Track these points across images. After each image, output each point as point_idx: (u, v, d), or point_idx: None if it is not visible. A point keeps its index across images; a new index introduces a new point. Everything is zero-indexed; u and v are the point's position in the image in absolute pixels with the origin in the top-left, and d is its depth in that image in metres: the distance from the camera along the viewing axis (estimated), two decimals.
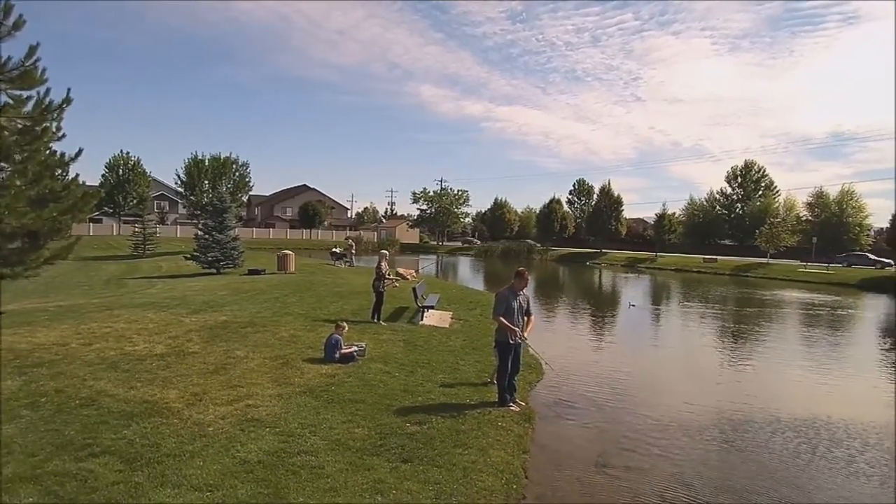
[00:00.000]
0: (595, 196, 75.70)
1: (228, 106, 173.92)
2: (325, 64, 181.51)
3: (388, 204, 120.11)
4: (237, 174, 56.27)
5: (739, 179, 73.16)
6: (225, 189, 48.64)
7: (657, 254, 60.11)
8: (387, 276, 13.55)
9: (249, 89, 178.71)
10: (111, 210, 58.65)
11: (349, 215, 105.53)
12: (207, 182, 55.09)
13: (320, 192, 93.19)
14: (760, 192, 71.78)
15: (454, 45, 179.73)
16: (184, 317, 12.37)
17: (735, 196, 73.30)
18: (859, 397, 10.34)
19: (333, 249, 37.54)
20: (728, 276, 44.60)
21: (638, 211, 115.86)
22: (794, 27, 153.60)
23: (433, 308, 14.93)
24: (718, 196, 74.40)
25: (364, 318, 13.16)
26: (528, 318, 7.84)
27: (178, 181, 56.46)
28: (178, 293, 17.20)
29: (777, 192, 71.01)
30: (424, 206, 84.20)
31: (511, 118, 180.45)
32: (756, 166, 73.04)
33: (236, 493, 4.58)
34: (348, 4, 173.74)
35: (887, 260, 46.69)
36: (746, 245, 63.09)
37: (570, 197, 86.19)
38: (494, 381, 8.11)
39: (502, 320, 7.43)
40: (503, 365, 7.58)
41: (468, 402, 7.63)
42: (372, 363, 9.24)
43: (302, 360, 9.08)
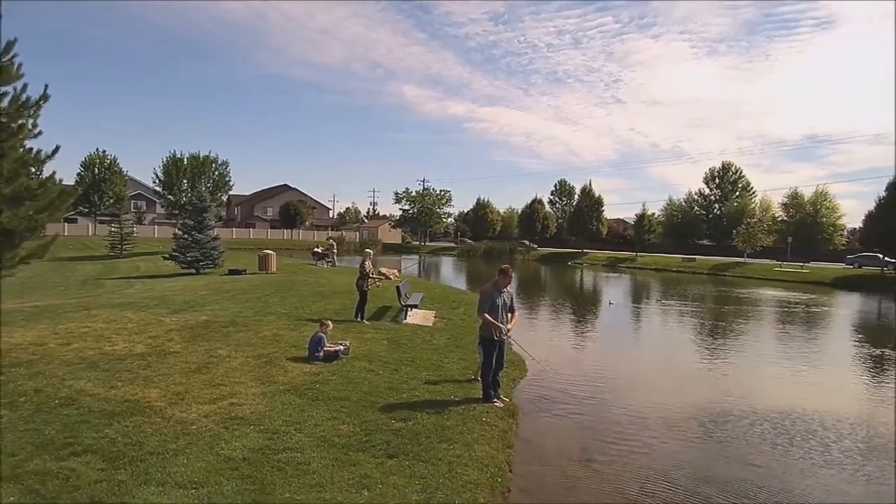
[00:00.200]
0: (576, 196, 76.44)
1: (208, 105, 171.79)
2: (306, 63, 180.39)
3: (371, 204, 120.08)
4: (216, 173, 55.56)
5: (717, 181, 74.41)
6: (204, 188, 47.97)
7: (637, 254, 60.85)
8: (370, 276, 13.55)
9: (229, 88, 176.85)
10: (87, 210, 57.41)
11: (331, 215, 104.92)
12: (186, 181, 54.35)
13: (301, 192, 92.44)
14: (737, 193, 73.06)
15: (437, 46, 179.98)
16: (164, 316, 12.22)
17: (713, 197, 74.52)
18: (833, 391, 10.62)
19: (315, 249, 37.32)
20: (706, 276, 45.33)
21: (618, 211, 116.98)
22: (770, 31, 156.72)
23: (417, 307, 14.95)
24: (697, 197, 75.59)
25: (348, 318, 13.13)
26: (512, 315, 7.92)
27: (156, 180, 55.63)
28: (158, 293, 16.96)
29: (753, 193, 72.46)
30: (407, 207, 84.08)
31: (494, 119, 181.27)
32: (733, 168, 74.40)
33: (222, 489, 4.57)
34: (331, 4, 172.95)
35: None
36: (724, 245, 64.19)
37: (552, 197, 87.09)
38: (479, 378, 8.18)
39: (487, 317, 7.50)
40: (488, 361, 7.64)
41: (453, 398, 7.67)
42: (356, 361, 9.23)
43: (285, 359, 9.04)
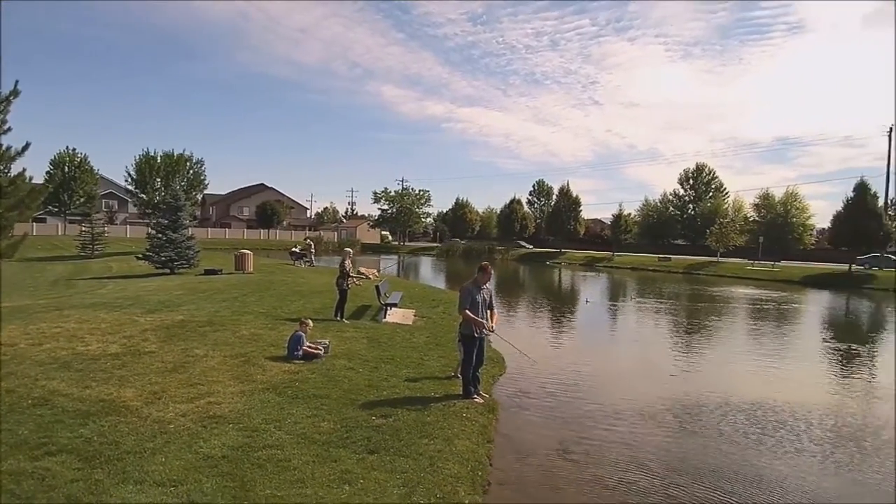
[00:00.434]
0: (554, 197, 77.02)
1: (183, 103, 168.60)
2: (284, 61, 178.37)
3: (349, 204, 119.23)
4: (191, 172, 54.58)
5: (691, 181, 75.76)
6: (178, 187, 47.13)
7: (614, 253, 61.63)
8: (350, 274, 13.52)
9: (206, 86, 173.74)
10: (56, 209, 56.08)
11: (309, 215, 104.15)
12: (160, 180, 53.29)
13: (278, 192, 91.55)
14: (711, 193, 74.46)
15: (416, 46, 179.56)
16: (138, 316, 12.02)
17: (687, 197, 75.83)
18: (802, 383, 10.94)
19: (293, 249, 37.04)
20: (681, 274, 46.16)
21: (595, 211, 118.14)
22: (743, 36, 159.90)
23: (396, 306, 14.95)
24: (671, 197, 76.81)
25: (327, 317, 13.07)
26: (492, 313, 7.99)
27: (129, 179, 54.45)
28: (132, 293, 16.66)
29: (726, 193, 73.86)
30: (386, 206, 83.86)
31: (472, 119, 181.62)
32: (707, 169, 75.82)
33: (202, 487, 4.53)
34: (309, 4, 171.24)
35: None
36: (698, 244, 65.35)
37: (531, 197, 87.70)
38: (459, 375, 8.24)
39: (469, 314, 7.56)
40: (468, 358, 7.70)
41: (433, 395, 7.72)
42: (336, 360, 9.21)
43: (264, 358, 8.98)
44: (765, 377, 11.29)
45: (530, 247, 71.98)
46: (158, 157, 53.55)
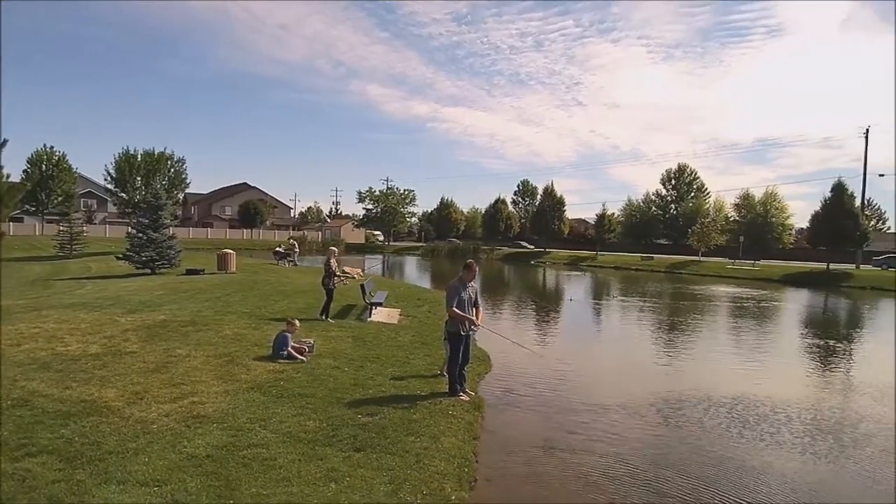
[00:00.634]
0: (539, 197, 77.48)
1: (165, 102, 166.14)
2: (268, 60, 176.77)
3: (333, 203, 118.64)
4: (172, 170, 53.98)
5: (673, 182, 76.76)
6: (159, 185, 46.56)
7: (598, 252, 62.14)
8: (336, 273, 13.46)
9: (186, 85, 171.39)
10: (33, 208, 55.00)
11: (292, 215, 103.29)
12: (140, 178, 52.62)
13: (261, 191, 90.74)
14: (692, 193, 75.53)
15: (400, 45, 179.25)
16: (119, 316, 11.84)
17: (669, 198, 76.83)
18: (782, 378, 11.14)
19: (277, 249, 36.77)
20: (664, 273, 46.68)
21: (579, 211, 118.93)
22: (724, 38, 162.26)
23: (381, 305, 14.91)
24: (654, 197, 77.77)
25: (311, 316, 12.99)
26: (477, 310, 8.02)
27: (108, 177, 53.63)
28: (112, 293, 16.40)
29: (708, 193, 75.04)
30: (370, 206, 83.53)
31: (457, 119, 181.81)
32: (688, 169, 76.92)
33: (186, 486, 4.49)
34: (292, 2, 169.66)
35: None
36: (680, 244, 66.28)
37: (515, 197, 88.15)
38: (445, 373, 8.25)
39: (458, 311, 7.58)
40: (454, 356, 7.72)
41: (419, 393, 7.72)
42: (321, 359, 9.17)
43: (248, 358, 8.90)
44: (745, 372, 11.47)
45: (531, 247, 70.92)
46: (139, 156, 52.87)
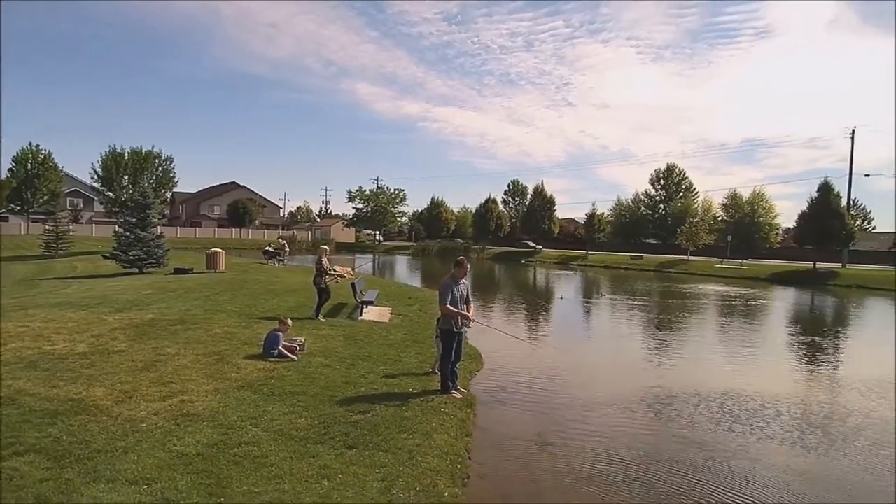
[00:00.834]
0: (529, 196, 77.71)
1: (160, 101, 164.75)
2: (259, 59, 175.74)
3: (323, 203, 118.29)
4: (160, 169, 53.41)
5: (662, 182, 77.24)
6: (147, 184, 46.12)
7: (588, 252, 62.40)
8: (328, 272, 13.39)
9: (174, 83, 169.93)
10: (19, 207, 54.24)
11: (282, 214, 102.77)
12: (127, 177, 52.02)
13: (251, 190, 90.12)
14: (681, 193, 76.04)
15: (390, 44, 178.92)
16: (107, 315, 11.70)
17: (658, 197, 77.31)
18: (771, 374, 11.23)
19: (267, 248, 36.57)
20: (653, 272, 46.98)
21: (569, 211, 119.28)
22: (712, 39, 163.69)
23: (372, 304, 14.86)
24: (643, 197, 78.20)
25: (302, 315, 12.91)
26: (468, 307, 8.01)
27: (95, 176, 52.97)
28: (99, 292, 16.21)
29: (696, 193, 75.53)
30: (361, 205, 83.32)
31: (448, 119, 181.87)
32: (677, 169, 77.44)
33: (176, 484, 4.44)
34: (281, 2, 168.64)
35: None
36: (669, 243, 66.73)
37: (506, 197, 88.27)
38: (437, 371, 8.24)
39: (451, 308, 7.56)
40: (447, 353, 7.71)
41: (411, 391, 7.70)
42: (312, 357, 9.11)
43: (239, 357, 8.83)
44: (734, 369, 11.57)
45: (539, 247, 68.35)
46: (126, 154, 52.27)
